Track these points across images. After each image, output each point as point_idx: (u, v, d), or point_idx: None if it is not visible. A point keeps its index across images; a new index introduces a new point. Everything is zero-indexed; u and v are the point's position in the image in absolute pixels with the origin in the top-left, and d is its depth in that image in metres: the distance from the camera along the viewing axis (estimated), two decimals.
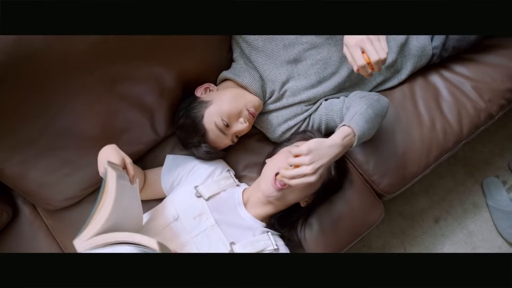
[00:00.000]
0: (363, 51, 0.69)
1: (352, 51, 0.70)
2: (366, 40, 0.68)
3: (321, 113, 0.99)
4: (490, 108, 1.06)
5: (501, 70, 1.07)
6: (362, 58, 0.69)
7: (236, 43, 1.00)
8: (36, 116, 0.78)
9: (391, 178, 1.02)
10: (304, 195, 0.86)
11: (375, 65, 0.69)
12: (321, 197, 0.91)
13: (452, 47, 1.05)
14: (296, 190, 0.83)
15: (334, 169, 0.89)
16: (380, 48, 0.68)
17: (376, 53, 0.68)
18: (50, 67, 0.73)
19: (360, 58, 0.69)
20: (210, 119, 0.91)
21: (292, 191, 0.83)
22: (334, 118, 0.98)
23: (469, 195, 1.42)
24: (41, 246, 0.97)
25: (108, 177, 0.69)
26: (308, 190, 0.85)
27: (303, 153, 0.71)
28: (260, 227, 0.89)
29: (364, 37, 0.68)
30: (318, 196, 0.90)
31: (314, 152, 0.71)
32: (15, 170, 0.83)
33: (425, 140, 1.02)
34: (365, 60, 0.69)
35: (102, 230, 0.67)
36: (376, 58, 0.68)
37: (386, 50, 0.68)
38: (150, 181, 0.97)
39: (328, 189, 0.90)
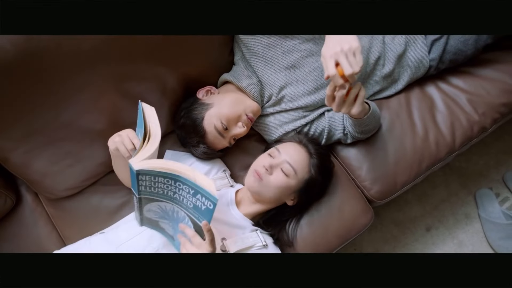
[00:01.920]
0: (338, 63, 0.72)
1: (326, 62, 0.73)
2: (340, 54, 0.71)
3: (324, 123, 1.02)
4: (483, 121, 1.09)
5: (497, 85, 1.09)
6: (333, 69, 0.72)
7: (238, 46, 1.03)
8: (42, 109, 0.82)
9: (382, 185, 1.04)
10: (281, 192, 0.89)
11: (349, 77, 0.72)
12: (306, 197, 0.93)
13: (449, 60, 1.07)
14: (273, 186, 0.88)
15: (314, 168, 0.91)
16: (355, 62, 0.71)
17: (350, 67, 0.71)
18: (57, 63, 0.77)
19: (331, 69, 0.72)
20: (210, 122, 0.94)
21: (269, 186, 0.88)
22: (336, 127, 1.02)
23: (462, 205, 1.44)
24: (40, 233, 1.00)
25: (147, 111, 0.77)
26: (285, 189, 0.89)
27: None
28: (250, 226, 0.92)
29: (339, 50, 0.71)
30: (303, 196, 0.92)
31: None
32: (20, 159, 0.87)
33: (417, 149, 1.05)
34: (339, 72, 0.72)
35: (153, 155, 0.74)
36: (350, 71, 0.71)
37: (360, 64, 0.71)
38: None
39: (311, 189, 0.92)
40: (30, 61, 0.74)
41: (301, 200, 0.94)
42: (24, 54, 0.73)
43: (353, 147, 1.06)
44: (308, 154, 0.93)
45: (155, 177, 0.71)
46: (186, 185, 0.71)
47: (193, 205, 0.72)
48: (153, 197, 0.74)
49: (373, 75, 1.05)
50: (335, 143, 1.07)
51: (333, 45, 0.72)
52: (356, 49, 0.71)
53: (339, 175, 1.05)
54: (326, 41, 0.74)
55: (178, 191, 0.73)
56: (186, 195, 0.72)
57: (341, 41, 0.72)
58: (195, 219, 0.73)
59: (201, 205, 0.71)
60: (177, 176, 0.71)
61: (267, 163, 0.89)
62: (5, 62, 0.72)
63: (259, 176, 0.88)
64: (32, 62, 0.75)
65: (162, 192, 0.73)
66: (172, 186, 0.72)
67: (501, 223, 1.36)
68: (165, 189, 0.73)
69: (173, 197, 0.74)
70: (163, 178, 0.71)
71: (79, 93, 0.84)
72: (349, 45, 0.71)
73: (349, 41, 0.71)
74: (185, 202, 0.73)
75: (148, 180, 0.71)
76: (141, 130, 0.77)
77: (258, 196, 0.91)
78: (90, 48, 0.78)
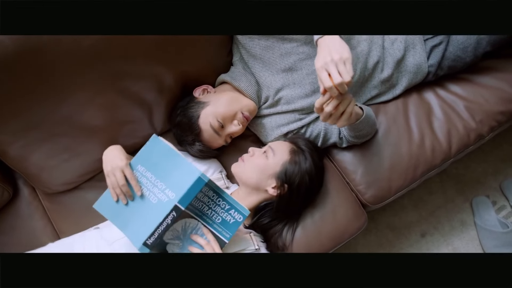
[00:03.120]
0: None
1: (319, 73, 0.73)
2: (330, 63, 0.71)
3: (320, 126, 1.03)
4: (480, 129, 1.08)
5: (495, 93, 1.09)
6: (328, 80, 0.72)
7: (236, 47, 1.04)
8: (41, 104, 0.83)
9: (377, 190, 1.05)
10: (260, 173, 0.90)
11: (339, 87, 0.71)
12: (290, 187, 0.90)
13: (448, 66, 1.07)
14: (252, 165, 0.91)
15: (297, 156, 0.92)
16: (345, 72, 0.71)
17: (339, 76, 0.70)
18: (56, 59, 0.78)
19: (326, 80, 0.72)
20: (205, 120, 0.95)
21: (248, 165, 0.91)
22: (332, 131, 1.02)
23: (458, 212, 1.43)
24: (36, 226, 1.02)
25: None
26: (263, 169, 0.90)
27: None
28: (243, 228, 0.92)
29: (329, 60, 0.71)
30: (286, 184, 0.90)
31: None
32: (18, 153, 0.88)
33: (413, 155, 1.05)
34: (331, 82, 0.72)
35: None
36: (339, 80, 0.71)
37: (351, 73, 0.71)
38: None
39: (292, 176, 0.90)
40: (29, 56, 0.75)
41: (284, 190, 0.90)
42: (23, 50, 0.74)
43: (348, 151, 1.06)
44: (293, 145, 0.95)
45: (209, 191, 0.74)
46: (225, 202, 0.74)
47: (221, 220, 0.76)
48: (190, 212, 0.75)
49: (371, 79, 1.05)
50: (331, 146, 1.07)
51: (324, 56, 0.72)
52: (347, 59, 0.71)
53: (334, 178, 1.05)
54: (318, 52, 0.75)
55: (214, 207, 0.75)
56: (219, 211, 0.75)
57: (332, 51, 0.72)
58: (217, 233, 0.76)
59: (231, 219, 0.75)
60: (223, 192, 0.75)
61: (252, 149, 0.95)
62: (4, 57, 0.74)
63: (242, 159, 0.94)
64: (31, 58, 0.76)
65: (200, 207, 0.75)
66: (212, 202, 0.75)
67: (497, 231, 1.35)
68: (206, 203, 0.75)
69: (205, 213, 0.76)
70: (212, 192, 0.74)
71: (77, 89, 0.85)
72: (339, 55, 0.71)
73: (340, 51, 0.72)
74: (214, 217, 0.76)
75: (205, 191, 0.73)
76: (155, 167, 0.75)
77: (240, 180, 0.94)
78: (89, 45, 0.79)
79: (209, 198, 0.75)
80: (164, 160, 0.74)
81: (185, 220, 0.75)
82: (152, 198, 0.74)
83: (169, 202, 0.71)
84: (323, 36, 0.75)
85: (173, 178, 0.73)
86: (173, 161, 0.73)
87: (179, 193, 0.71)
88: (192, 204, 0.73)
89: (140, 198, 0.75)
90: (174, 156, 0.74)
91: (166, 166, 0.74)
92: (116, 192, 0.77)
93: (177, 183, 0.72)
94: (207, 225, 0.76)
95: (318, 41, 0.76)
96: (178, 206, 0.71)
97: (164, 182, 0.73)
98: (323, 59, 0.72)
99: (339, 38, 0.75)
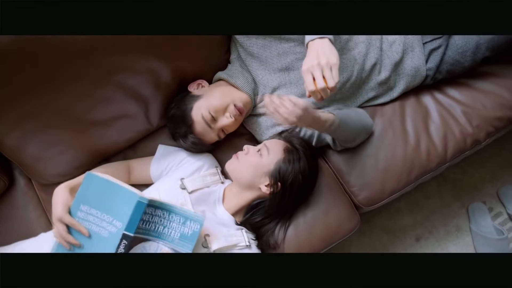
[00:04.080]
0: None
1: (304, 76, 0.73)
2: (316, 67, 0.71)
3: None
4: (477, 134, 1.08)
5: (493, 98, 1.08)
6: (311, 84, 0.72)
7: (234, 46, 1.04)
8: (38, 95, 0.83)
9: (370, 192, 1.05)
10: (254, 170, 0.91)
11: (322, 91, 0.71)
12: (283, 186, 0.91)
13: (446, 70, 1.07)
14: (246, 163, 0.91)
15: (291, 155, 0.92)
16: (330, 77, 0.70)
17: (323, 81, 0.70)
18: (53, 51, 0.79)
19: (310, 84, 0.72)
20: (197, 112, 0.95)
21: (243, 163, 0.92)
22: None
23: (454, 217, 1.43)
24: (30, 216, 1.03)
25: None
26: (257, 167, 0.91)
27: (295, 102, 0.75)
28: (234, 224, 0.93)
29: (315, 64, 0.71)
30: (279, 182, 0.90)
31: (302, 111, 0.75)
32: (14, 143, 0.89)
33: (407, 158, 1.05)
34: (315, 86, 0.71)
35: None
36: (322, 85, 0.70)
37: (336, 79, 0.70)
38: (137, 170, 1.02)
39: (285, 175, 0.90)
40: (26, 48, 0.76)
41: (277, 189, 0.91)
42: (21, 41, 0.75)
43: (344, 152, 1.06)
44: (288, 144, 0.95)
45: (155, 210, 0.75)
46: (179, 215, 0.76)
47: (180, 235, 0.77)
48: (144, 236, 0.76)
49: (368, 81, 1.05)
50: (326, 147, 1.07)
51: (311, 59, 0.72)
52: (334, 65, 0.71)
53: (328, 178, 1.05)
54: (307, 54, 0.75)
55: (169, 224, 0.77)
56: (175, 226, 0.77)
57: (320, 55, 0.72)
58: (179, 248, 0.78)
59: (188, 230, 0.77)
60: (172, 207, 0.76)
61: (246, 146, 0.95)
62: (1, 48, 0.74)
63: (237, 156, 0.94)
64: (28, 49, 0.76)
65: (154, 228, 0.76)
66: (166, 220, 0.76)
67: (492, 238, 1.35)
68: (158, 223, 0.76)
69: (162, 233, 0.77)
70: (160, 211, 0.75)
71: (74, 82, 0.85)
72: (326, 60, 0.71)
73: (328, 56, 0.72)
74: (172, 234, 0.77)
75: (149, 213, 0.74)
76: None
77: (234, 177, 0.94)
78: (85, 38, 0.80)
79: (160, 217, 0.76)
80: (104, 193, 0.75)
81: (143, 245, 0.77)
82: (103, 233, 0.75)
83: (118, 232, 0.73)
84: (314, 39, 0.75)
85: (116, 207, 0.74)
86: (112, 191, 0.75)
87: (124, 220, 0.72)
88: (142, 228, 0.75)
89: (90, 237, 0.76)
90: (111, 186, 0.75)
91: (107, 198, 0.75)
92: (64, 242, 0.77)
93: (121, 212, 0.73)
94: (167, 243, 0.78)
95: (308, 44, 0.76)
96: (127, 234, 0.73)
97: (110, 214, 0.74)
98: (310, 62, 0.72)
99: (329, 42, 0.75)
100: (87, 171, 0.79)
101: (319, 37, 0.75)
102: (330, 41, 0.75)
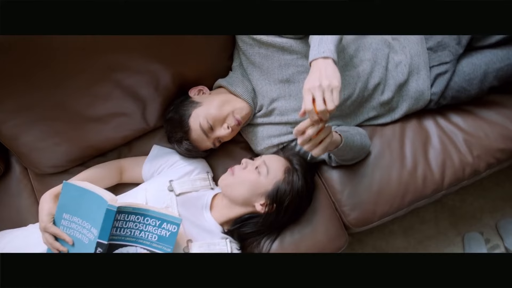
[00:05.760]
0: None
1: (304, 95, 0.72)
2: (317, 89, 0.70)
3: None
4: (477, 164, 1.05)
5: (497, 129, 1.06)
6: (309, 104, 0.71)
7: (237, 53, 1.04)
8: (37, 86, 0.85)
9: (361, 213, 1.03)
10: (251, 189, 0.90)
11: (321, 113, 0.71)
12: (278, 207, 0.90)
13: (451, 96, 1.05)
14: (243, 180, 0.90)
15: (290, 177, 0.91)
16: (330, 100, 0.70)
17: (323, 104, 0.70)
18: (55, 44, 0.80)
19: (308, 103, 0.71)
20: (196, 119, 0.95)
21: (239, 179, 0.90)
22: None
23: (448, 245, 1.39)
24: (22, 204, 1.04)
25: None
26: (254, 187, 0.89)
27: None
28: (220, 233, 0.92)
29: (317, 85, 0.70)
30: (274, 203, 0.90)
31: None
32: (10, 131, 0.90)
33: (402, 182, 1.03)
34: (313, 107, 0.71)
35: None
36: (322, 108, 0.70)
37: (336, 103, 0.70)
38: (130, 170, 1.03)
39: (283, 197, 0.89)
40: (28, 39, 0.77)
41: (272, 209, 0.90)
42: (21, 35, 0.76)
43: (338, 169, 1.05)
44: (288, 163, 0.94)
45: (128, 216, 0.75)
46: (154, 218, 0.76)
47: (158, 237, 0.77)
48: (120, 242, 0.77)
49: (370, 100, 1.04)
50: (321, 162, 1.06)
51: (313, 79, 0.72)
52: (335, 88, 0.70)
53: (320, 195, 1.04)
54: (309, 73, 0.74)
55: (145, 228, 0.77)
56: (152, 229, 0.77)
57: (322, 77, 0.71)
58: (158, 251, 0.78)
59: (166, 232, 0.76)
60: (146, 211, 0.76)
61: (245, 160, 0.93)
62: (4, 39, 0.76)
63: (232, 170, 0.92)
64: (30, 41, 0.78)
65: (130, 233, 0.77)
66: (141, 224, 0.77)
67: None
68: (134, 228, 0.76)
69: (139, 237, 0.78)
70: (134, 216, 0.76)
71: (74, 76, 0.86)
72: (328, 82, 0.70)
73: (330, 78, 0.71)
74: (149, 237, 0.77)
75: (122, 219, 0.75)
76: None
77: (227, 195, 0.92)
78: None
79: (134, 222, 0.76)
80: (81, 201, 0.77)
81: (120, 250, 0.77)
82: (84, 239, 0.77)
83: (94, 239, 0.74)
84: (317, 59, 0.75)
85: (93, 215, 0.75)
86: (88, 198, 0.76)
87: (98, 228, 0.73)
88: (117, 235, 0.75)
89: (74, 244, 0.78)
90: (86, 193, 0.77)
91: (85, 206, 0.76)
92: (52, 248, 0.81)
93: (95, 219, 0.74)
94: (146, 247, 0.78)
95: (312, 63, 0.76)
96: (100, 242, 0.74)
97: (89, 221, 0.76)
98: (312, 83, 0.71)
99: (332, 63, 0.74)
100: (64, 181, 0.81)
101: (322, 56, 0.74)
102: (333, 61, 0.74)
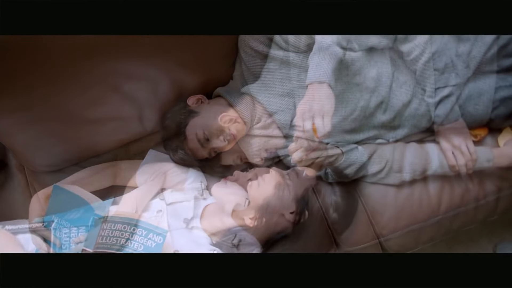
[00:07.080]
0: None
1: (297, 121, 0.74)
2: (307, 113, 0.71)
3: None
4: (477, 191, 1.03)
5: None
6: (300, 132, 0.73)
7: (239, 63, 1.02)
8: (35, 87, 0.84)
9: (353, 233, 1.02)
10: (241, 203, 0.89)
11: (310, 138, 0.72)
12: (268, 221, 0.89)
13: (455, 120, 1.02)
14: (234, 195, 0.90)
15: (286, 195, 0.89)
16: (321, 126, 0.70)
17: (311, 130, 0.71)
18: (54, 46, 0.79)
19: (307, 125, 0.72)
20: (192, 130, 0.95)
21: (232, 194, 0.91)
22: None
23: None
24: (16, 199, 1.04)
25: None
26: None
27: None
28: (208, 244, 0.92)
29: (307, 109, 0.70)
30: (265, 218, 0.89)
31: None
32: (5, 130, 0.90)
33: (398, 205, 1.01)
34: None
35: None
36: (309, 134, 0.71)
37: (327, 129, 0.70)
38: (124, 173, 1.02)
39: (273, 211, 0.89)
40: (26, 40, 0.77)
41: (262, 223, 0.89)
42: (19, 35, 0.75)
43: (332, 186, 1.03)
44: (280, 178, 0.91)
45: (115, 225, 0.76)
46: (140, 228, 0.76)
47: (143, 247, 0.77)
48: (106, 250, 0.76)
49: (371, 119, 1.01)
50: (317, 178, 1.05)
51: (305, 103, 0.72)
52: (326, 113, 0.70)
53: (313, 209, 1.03)
54: (304, 97, 0.74)
55: (131, 237, 0.77)
56: (138, 238, 0.77)
57: (314, 100, 0.71)
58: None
59: (152, 243, 0.76)
60: (133, 221, 0.77)
61: (237, 173, 0.93)
62: (2, 38, 0.75)
63: (225, 181, 0.92)
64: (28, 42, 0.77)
65: (116, 242, 0.76)
66: (127, 233, 0.77)
67: None
68: (120, 237, 0.76)
69: (125, 245, 0.77)
70: (121, 225, 0.76)
71: (72, 78, 0.86)
72: (320, 106, 0.70)
73: (322, 103, 0.70)
74: (135, 247, 0.77)
75: (108, 228, 0.75)
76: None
77: (219, 203, 0.92)
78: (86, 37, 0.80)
79: (121, 231, 0.76)
80: (70, 206, 0.78)
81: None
82: (72, 244, 0.78)
83: (79, 247, 0.75)
84: (313, 83, 0.74)
85: (80, 221, 0.76)
86: (76, 204, 0.77)
87: (85, 235, 0.74)
88: (102, 243, 0.75)
89: (61, 248, 0.78)
90: (75, 199, 0.78)
91: (73, 211, 0.77)
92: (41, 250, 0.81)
93: (82, 226, 0.75)
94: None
95: (308, 86, 0.75)
96: (86, 250, 0.74)
97: (76, 226, 0.76)
98: (303, 107, 0.72)
99: (327, 87, 0.73)
100: (54, 184, 0.81)
101: (318, 81, 0.73)
102: (328, 86, 0.73)
